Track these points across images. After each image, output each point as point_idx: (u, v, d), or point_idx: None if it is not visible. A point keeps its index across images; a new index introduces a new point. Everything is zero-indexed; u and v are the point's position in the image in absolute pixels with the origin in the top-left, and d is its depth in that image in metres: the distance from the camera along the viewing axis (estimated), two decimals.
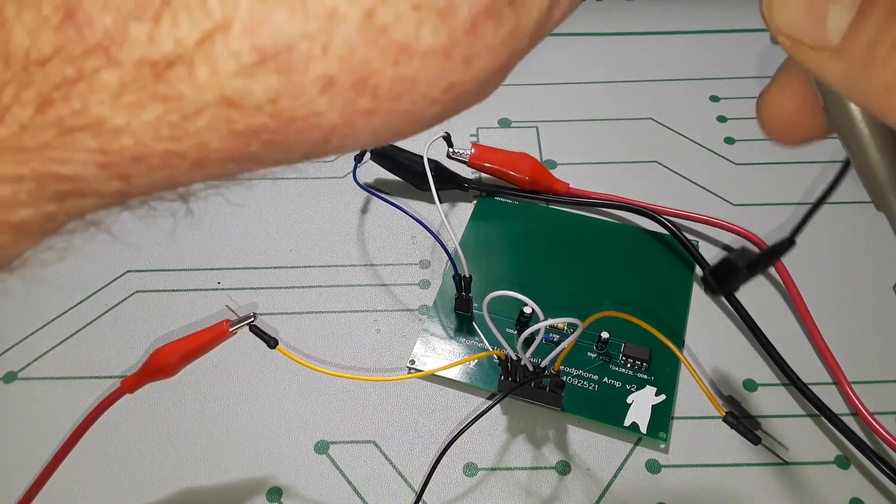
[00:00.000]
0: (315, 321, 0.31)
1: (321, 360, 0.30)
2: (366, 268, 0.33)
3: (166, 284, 0.32)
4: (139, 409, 0.28)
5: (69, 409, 0.28)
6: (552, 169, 0.36)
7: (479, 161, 0.34)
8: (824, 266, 0.32)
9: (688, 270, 0.32)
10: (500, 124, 0.38)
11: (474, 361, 0.29)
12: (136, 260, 0.33)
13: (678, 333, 0.30)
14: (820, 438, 0.27)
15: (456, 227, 0.34)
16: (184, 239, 0.34)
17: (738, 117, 0.38)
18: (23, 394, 0.29)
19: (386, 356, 0.30)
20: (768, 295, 0.31)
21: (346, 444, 0.27)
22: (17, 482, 0.26)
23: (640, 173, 0.36)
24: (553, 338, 0.29)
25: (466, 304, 0.30)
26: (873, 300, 0.31)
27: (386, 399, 0.28)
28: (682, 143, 0.37)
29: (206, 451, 0.27)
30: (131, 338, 0.30)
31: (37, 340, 0.30)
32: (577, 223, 0.34)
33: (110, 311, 0.31)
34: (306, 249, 0.33)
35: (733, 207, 0.34)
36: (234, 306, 0.31)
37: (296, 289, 0.32)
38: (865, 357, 0.29)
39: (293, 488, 0.26)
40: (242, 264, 0.33)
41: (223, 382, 0.29)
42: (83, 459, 0.27)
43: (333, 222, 0.34)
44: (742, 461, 0.27)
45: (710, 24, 0.44)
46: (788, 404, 0.28)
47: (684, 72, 0.41)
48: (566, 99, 0.40)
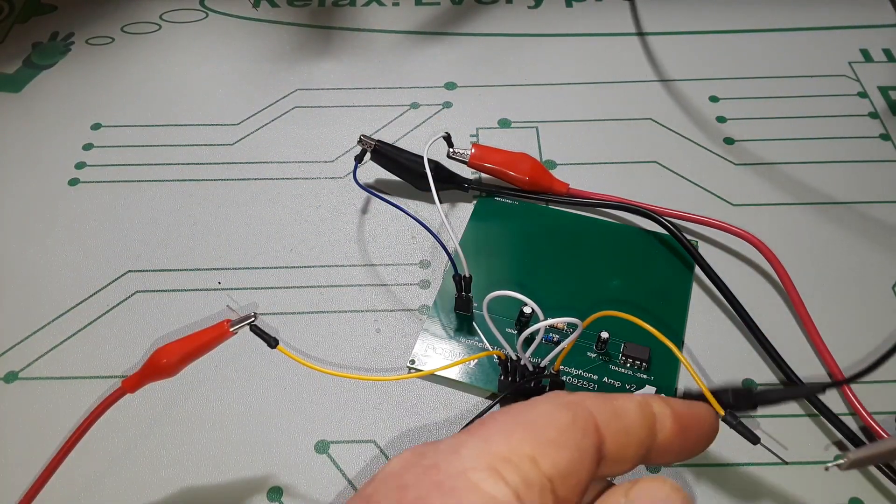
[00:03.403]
0: (315, 321, 0.31)
1: (321, 359, 0.30)
2: (366, 268, 0.33)
3: (166, 284, 0.32)
4: (140, 409, 0.28)
5: (70, 409, 0.28)
6: (552, 169, 0.36)
7: (479, 161, 0.34)
8: (824, 266, 0.32)
9: (688, 271, 0.32)
10: (500, 124, 0.38)
11: (474, 361, 0.29)
12: (136, 260, 0.33)
13: (678, 333, 0.30)
14: (819, 438, 0.27)
15: (456, 227, 0.34)
16: (184, 239, 0.34)
17: (738, 117, 0.38)
18: (23, 394, 0.29)
19: (386, 356, 0.30)
20: (767, 295, 0.31)
21: (346, 444, 0.27)
22: (17, 482, 0.26)
23: (639, 173, 0.36)
24: (553, 338, 0.29)
25: (466, 304, 0.30)
26: (872, 300, 0.31)
27: (386, 399, 0.29)
28: (682, 144, 0.37)
29: (206, 451, 0.27)
30: (132, 338, 0.30)
31: (37, 340, 0.30)
32: (577, 223, 0.34)
33: (111, 311, 0.31)
34: (306, 249, 0.33)
35: (733, 208, 0.34)
36: (235, 306, 0.31)
37: (296, 289, 0.32)
38: (865, 357, 0.29)
39: (293, 488, 0.26)
40: (242, 264, 0.33)
41: (223, 382, 0.29)
42: (84, 459, 0.27)
43: (333, 222, 0.34)
44: (741, 461, 0.27)
45: (711, 24, 0.44)
46: (788, 404, 0.28)
47: (684, 72, 0.41)
48: (566, 99, 0.40)
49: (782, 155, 0.37)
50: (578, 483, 0.16)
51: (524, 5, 0.46)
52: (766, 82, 0.40)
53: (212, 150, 0.37)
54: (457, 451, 0.16)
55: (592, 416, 0.17)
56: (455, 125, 0.39)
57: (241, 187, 0.36)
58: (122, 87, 0.41)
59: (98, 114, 0.39)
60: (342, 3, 0.46)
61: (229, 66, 0.42)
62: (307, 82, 0.41)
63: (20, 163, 0.37)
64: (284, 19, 0.45)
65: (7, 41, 0.44)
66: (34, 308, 0.31)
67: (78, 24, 0.45)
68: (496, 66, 0.42)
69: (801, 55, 0.42)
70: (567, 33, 0.44)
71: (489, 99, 0.40)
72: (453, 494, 0.15)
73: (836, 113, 0.39)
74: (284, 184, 0.36)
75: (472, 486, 0.15)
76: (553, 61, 0.42)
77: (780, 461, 0.26)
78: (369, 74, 0.41)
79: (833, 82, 0.40)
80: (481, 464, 0.16)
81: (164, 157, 0.37)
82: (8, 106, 0.40)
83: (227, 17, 0.45)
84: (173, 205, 0.35)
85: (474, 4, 0.46)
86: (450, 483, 0.15)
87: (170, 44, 0.44)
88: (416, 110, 0.39)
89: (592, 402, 0.18)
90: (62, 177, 0.36)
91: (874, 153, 0.37)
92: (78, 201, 0.35)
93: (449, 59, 0.42)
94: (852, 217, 0.34)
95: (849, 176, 0.36)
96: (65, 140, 0.38)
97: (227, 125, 0.39)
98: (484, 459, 0.16)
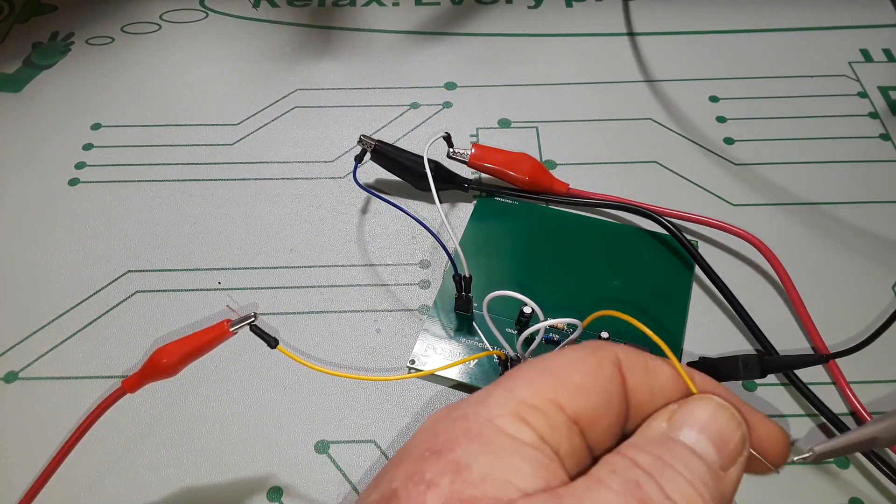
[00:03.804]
0: (315, 321, 0.31)
1: (321, 359, 0.30)
2: (366, 268, 0.33)
3: (166, 284, 0.32)
4: (140, 409, 0.28)
5: (70, 409, 0.28)
6: (552, 169, 0.36)
7: (478, 161, 0.34)
8: (824, 266, 0.32)
9: (688, 271, 0.32)
10: (500, 124, 0.39)
11: (474, 361, 0.29)
12: (136, 260, 0.33)
13: (678, 333, 0.30)
14: (819, 438, 0.27)
15: (456, 227, 0.34)
16: (184, 239, 0.34)
17: (738, 117, 0.38)
18: (23, 394, 0.29)
19: (386, 356, 0.30)
20: (767, 294, 0.31)
21: (346, 444, 0.27)
22: (17, 482, 0.26)
23: (639, 173, 0.36)
24: (553, 338, 0.29)
25: (466, 304, 0.30)
26: (872, 300, 0.31)
27: (386, 399, 0.29)
28: (682, 144, 0.37)
29: (206, 451, 0.27)
30: (132, 338, 0.30)
31: (37, 340, 0.30)
32: (577, 223, 0.34)
33: (111, 311, 0.31)
34: (306, 249, 0.33)
35: (733, 207, 0.34)
36: (235, 306, 0.31)
37: (296, 289, 0.32)
38: (864, 357, 0.29)
39: (293, 488, 0.26)
40: (242, 264, 0.33)
41: (224, 382, 0.29)
42: (84, 459, 0.27)
43: (333, 222, 0.34)
44: None
45: (711, 24, 0.44)
46: (788, 404, 0.28)
47: (684, 72, 0.41)
48: (566, 99, 0.40)
49: (782, 155, 0.37)
50: (609, 427, 0.17)
51: (524, 5, 0.46)
52: (766, 82, 0.40)
53: (212, 150, 0.37)
54: (484, 402, 0.17)
55: (619, 360, 0.17)
56: (455, 125, 0.39)
57: (241, 187, 0.36)
58: (122, 87, 0.41)
59: (98, 114, 0.39)
60: (342, 3, 0.46)
61: (229, 66, 0.42)
62: (307, 82, 0.41)
63: (20, 163, 0.37)
64: (284, 19, 0.45)
65: (7, 41, 0.44)
66: (34, 308, 0.31)
67: (78, 24, 0.45)
68: (496, 66, 0.42)
69: (801, 55, 0.42)
70: (567, 33, 0.44)
71: (489, 99, 0.40)
72: (480, 439, 0.16)
73: (836, 113, 0.39)
74: (284, 184, 0.36)
75: (498, 431, 0.16)
76: (553, 61, 0.42)
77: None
78: (369, 74, 0.41)
79: (833, 82, 0.40)
80: (507, 411, 0.16)
81: (164, 157, 0.37)
82: (8, 106, 0.40)
83: (227, 17, 0.45)
84: (173, 205, 0.35)
85: (474, 4, 0.46)
86: (477, 429, 0.16)
87: (170, 44, 0.44)
88: (416, 110, 0.39)
89: (624, 351, 0.18)
90: (62, 177, 0.36)
91: (874, 153, 0.37)
92: (78, 201, 0.35)
93: (449, 59, 0.42)
94: (852, 217, 0.34)
95: (849, 176, 0.36)
96: (65, 140, 0.38)
97: (227, 125, 0.39)
98: (509, 407, 0.16)
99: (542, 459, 0.15)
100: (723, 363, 0.26)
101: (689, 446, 0.16)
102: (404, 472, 0.16)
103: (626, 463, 0.15)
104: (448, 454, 0.16)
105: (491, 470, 0.15)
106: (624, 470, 0.15)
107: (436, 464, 0.15)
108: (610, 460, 0.16)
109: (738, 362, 0.26)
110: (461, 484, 0.15)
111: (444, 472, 0.15)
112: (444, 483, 0.15)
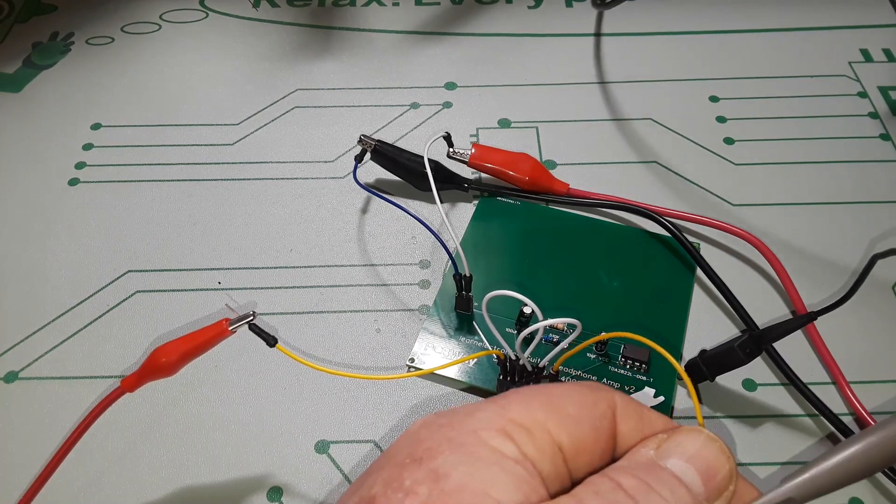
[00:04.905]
0: (315, 321, 0.31)
1: (321, 359, 0.30)
2: (366, 268, 0.33)
3: (166, 284, 0.32)
4: (140, 409, 0.28)
5: (69, 409, 0.28)
6: (552, 169, 0.36)
7: (479, 161, 0.34)
8: (824, 266, 0.32)
9: (689, 272, 0.32)
10: (500, 124, 0.39)
11: (473, 360, 0.29)
12: (136, 260, 0.33)
13: (678, 334, 0.30)
14: (819, 438, 0.27)
15: (456, 227, 0.34)
16: (184, 239, 0.34)
17: (738, 118, 0.38)
18: (23, 394, 0.29)
19: (386, 356, 0.30)
20: (767, 295, 0.31)
21: (346, 444, 0.27)
22: (17, 482, 0.26)
23: (639, 173, 0.36)
24: (552, 338, 0.29)
25: (466, 304, 0.30)
26: (873, 300, 0.31)
27: (386, 398, 0.29)
28: (682, 144, 0.37)
29: (205, 451, 0.27)
30: (131, 337, 0.30)
31: (37, 340, 0.30)
32: (577, 223, 0.34)
33: (111, 311, 0.31)
34: (306, 249, 0.33)
35: (733, 208, 0.34)
36: (234, 305, 0.31)
37: (296, 289, 0.32)
38: (864, 357, 0.29)
39: (293, 487, 0.26)
40: (242, 264, 0.33)
41: (223, 382, 0.29)
42: (83, 459, 0.27)
43: (333, 222, 0.34)
44: (741, 461, 0.27)
45: (711, 24, 0.44)
46: (788, 404, 0.28)
47: (684, 72, 0.41)
48: (566, 99, 0.40)
49: (782, 155, 0.37)
50: (591, 462, 0.17)
51: (524, 5, 0.46)
52: (766, 82, 0.40)
53: (212, 150, 0.37)
54: (472, 414, 0.17)
55: (615, 404, 0.17)
56: (455, 125, 0.39)
57: (241, 187, 0.36)
58: (122, 87, 0.41)
59: (98, 114, 0.39)
60: (342, 3, 0.46)
61: (229, 66, 0.42)
62: (307, 82, 0.41)
63: (20, 163, 0.37)
64: (284, 19, 0.45)
65: (7, 41, 0.44)
66: (34, 308, 0.31)
67: (78, 24, 0.45)
68: (496, 66, 0.42)
69: (801, 55, 0.42)
70: (567, 33, 0.44)
71: (489, 99, 0.40)
72: (462, 449, 0.16)
73: (836, 113, 0.39)
74: (284, 184, 0.36)
75: (481, 442, 0.16)
76: (553, 61, 0.42)
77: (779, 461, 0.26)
78: (369, 74, 0.41)
79: (833, 82, 0.40)
80: (494, 426, 0.16)
81: (164, 157, 0.37)
82: (8, 106, 0.40)
83: (227, 17, 0.45)
84: (173, 205, 0.35)
85: (474, 4, 0.46)
86: (460, 439, 0.16)
87: (170, 44, 0.44)
88: (416, 110, 0.39)
89: (622, 397, 0.18)
90: (62, 177, 0.36)
91: (874, 153, 0.37)
92: (78, 201, 0.35)
93: (449, 59, 0.42)
94: (852, 217, 0.34)
95: (849, 176, 0.35)
96: (65, 140, 0.38)
97: (227, 125, 0.39)
98: (497, 422, 0.16)
99: (523, 474, 0.15)
100: (723, 355, 0.26)
101: (676, 475, 0.16)
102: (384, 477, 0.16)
103: (610, 485, 0.16)
104: (429, 462, 0.16)
105: (470, 480, 0.15)
106: (607, 492, 0.15)
107: (416, 471, 0.16)
108: (594, 481, 0.16)
109: (735, 350, 0.26)
110: (439, 493, 0.15)
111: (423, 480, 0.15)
112: (421, 491, 0.15)
